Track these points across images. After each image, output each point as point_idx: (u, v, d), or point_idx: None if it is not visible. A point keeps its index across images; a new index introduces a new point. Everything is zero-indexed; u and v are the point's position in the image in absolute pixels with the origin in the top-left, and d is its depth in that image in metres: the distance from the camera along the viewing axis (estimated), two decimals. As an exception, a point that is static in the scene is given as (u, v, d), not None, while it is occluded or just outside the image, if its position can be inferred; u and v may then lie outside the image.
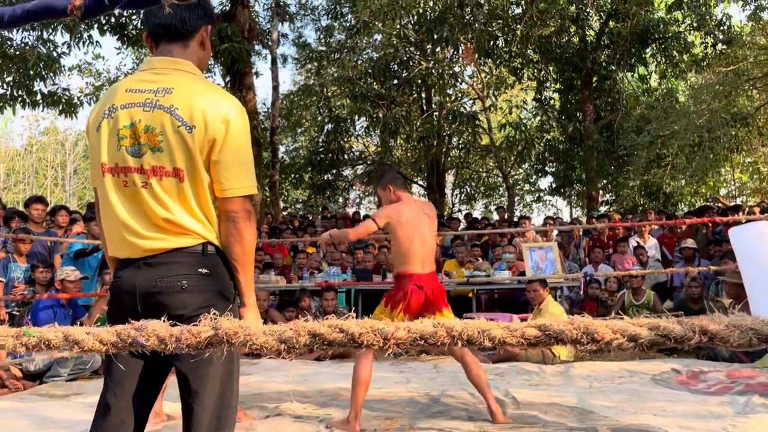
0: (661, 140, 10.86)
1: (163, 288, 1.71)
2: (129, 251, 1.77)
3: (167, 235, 1.73)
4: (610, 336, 0.70)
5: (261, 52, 16.57)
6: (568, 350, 6.28)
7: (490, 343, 0.73)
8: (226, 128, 1.71)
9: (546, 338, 0.71)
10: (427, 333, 0.73)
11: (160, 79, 1.77)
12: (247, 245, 1.78)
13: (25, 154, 32.13)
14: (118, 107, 1.75)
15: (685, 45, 13.31)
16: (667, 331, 0.69)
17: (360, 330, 0.73)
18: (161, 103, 1.71)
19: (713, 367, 5.41)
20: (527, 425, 3.65)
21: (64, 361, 5.28)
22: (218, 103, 1.73)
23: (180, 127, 1.69)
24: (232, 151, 1.73)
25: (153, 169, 1.71)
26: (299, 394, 4.70)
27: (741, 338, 0.66)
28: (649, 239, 9.05)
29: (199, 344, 0.77)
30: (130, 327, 0.79)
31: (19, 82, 10.69)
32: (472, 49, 12.73)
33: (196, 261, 1.74)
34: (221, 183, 1.73)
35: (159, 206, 1.72)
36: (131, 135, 1.73)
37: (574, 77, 14.45)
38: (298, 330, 0.74)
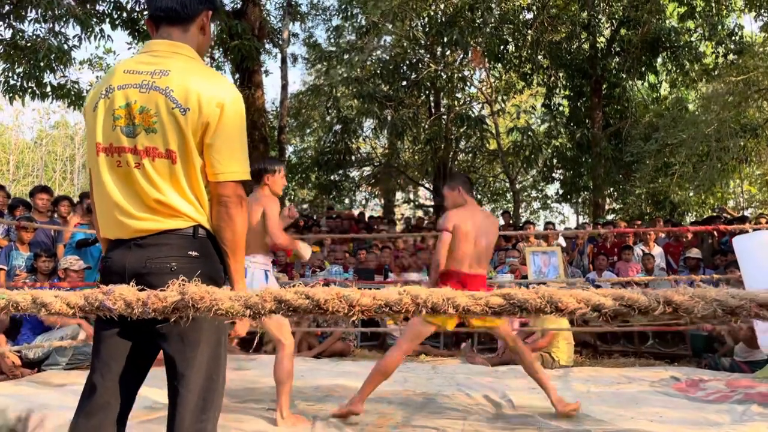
0: (668, 149, 10.80)
1: (153, 269, 1.71)
2: (120, 232, 1.77)
3: (158, 217, 1.73)
4: (574, 305, 0.69)
5: (271, 51, 16.60)
6: (568, 355, 6.25)
7: (454, 311, 0.72)
8: (220, 112, 1.72)
9: (510, 307, 0.70)
10: (392, 300, 0.72)
11: (158, 61, 1.77)
12: (238, 230, 1.78)
13: (34, 147, 32.34)
14: (114, 88, 1.76)
15: (696, 54, 13.23)
16: (631, 302, 0.68)
17: (326, 296, 0.72)
18: (157, 85, 1.72)
19: (713, 376, 5.38)
20: (522, 426, 3.63)
21: (63, 350, 5.30)
22: (214, 87, 1.74)
23: (174, 108, 1.70)
24: (226, 135, 1.73)
25: (146, 149, 1.72)
26: (295, 389, 4.68)
27: (705, 309, 0.65)
28: (655, 248, 9.00)
29: (166, 309, 0.76)
30: (97, 291, 0.78)
31: (30, 74, 10.74)
32: (480, 52, 12.71)
33: (187, 243, 1.75)
34: (213, 167, 1.73)
35: (151, 187, 1.72)
36: (126, 115, 1.73)
37: (584, 84, 14.39)
38: (264, 296, 0.74)
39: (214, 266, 1.81)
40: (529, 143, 14.00)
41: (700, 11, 12.79)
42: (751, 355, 5.75)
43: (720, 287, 0.71)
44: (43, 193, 6.47)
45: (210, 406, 1.76)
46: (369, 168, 18.95)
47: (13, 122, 32.41)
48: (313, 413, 3.97)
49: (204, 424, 1.74)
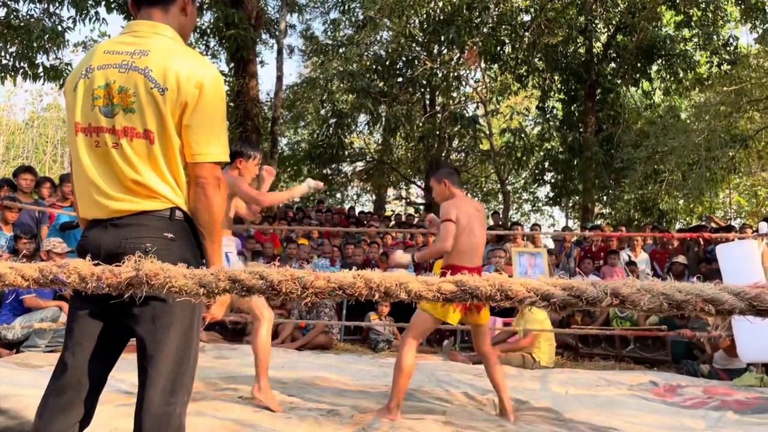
0: (658, 156, 10.86)
1: (127, 249, 1.68)
2: (97, 212, 1.76)
3: (135, 198, 1.73)
4: (524, 294, 0.69)
5: (268, 42, 16.55)
6: (549, 356, 6.27)
7: (406, 296, 0.72)
8: (199, 92, 1.71)
9: (462, 293, 0.70)
10: (346, 283, 0.72)
11: (138, 41, 1.77)
12: (215, 212, 1.78)
13: (26, 129, 32.09)
14: (94, 68, 1.76)
15: (690, 63, 13.31)
16: (579, 292, 0.68)
17: (280, 278, 0.72)
18: (136, 65, 1.71)
19: (691, 382, 5.41)
20: (501, 424, 3.63)
21: (43, 332, 5.27)
22: (193, 67, 1.73)
23: (153, 88, 1.69)
24: (204, 116, 1.73)
25: (124, 129, 1.71)
26: (275, 380, 4.68)
27: (652, 302, 0.65)
28: (641, 254, 9.05)
29: (120, 284, 0.76)
30: (52, 264, 0.78)
31: (22, 54, 10.64)
32: (475, 51, 12.72)
33: (163, 225, 1.74)
34: (191, 147, 1.73)
35: (128, 167, 1.72)
36: (105, 95, 1.73)
37: (578, 88, 14.44)
38: (219, 275, 0.73)
39: (190, 249, 1.80)
40: (521, 145, 14.04)
41: (696, 20, 12.86)
42: (730, 363, 5.80)
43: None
44: (27, 173, 6.42)
45: (179, 389, 1.75)
46: (362, 163, 18.94)
47: (5, 103, 32.16)
48: (291, 404, 3.96)
49: (173, 407, 1.73)
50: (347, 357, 6.51)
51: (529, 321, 6.24)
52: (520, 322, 6.34)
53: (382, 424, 3.50)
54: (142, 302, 1.71)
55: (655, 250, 9.29)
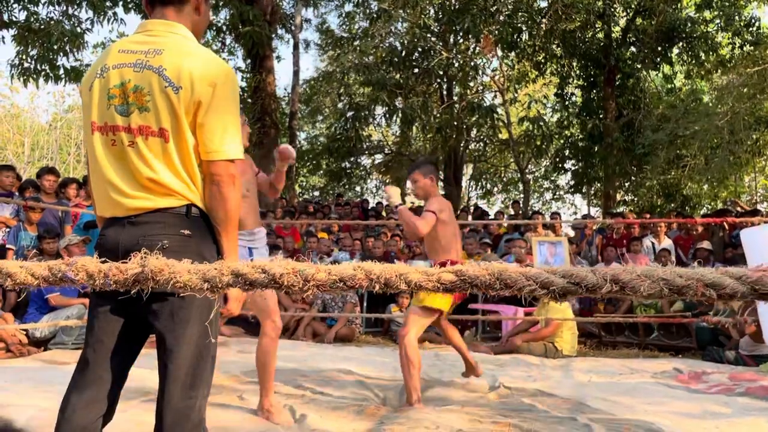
0: (681, 140, 10.68)
1: (145, 247, 1.71)
2: (114, 210, 1.79)
3: (151, 195, 1.75)
4: (523, 282, 0.69)
5: (284, 37, 16.59)
6: (571, 345, 6.24)
7: (406, 287, 0.72)
8: (212, 91, 1.72)
9: (462, 283, 0.70)
10: (346, 276, 0.72)
11: (152, 40, 1.78)
12: (231, 209, 1.79)
13: (49, 130, 32.57)
14: (110, 67, 1.78)
15: (712, 45, 13.04)
16: (579, 279, 0.68)
17: (281, 271, 0.73)
18: (150, 64, 1.73)
19: (716, 368, 5.35)
20: (520, 414, 3.63)
21: (70, 330, 5.37)
22: (206, 66, 1.74)
23: (167, 87, 1.70)
24: (218, 114, 1.74)
25: (139, 128, 1.73)
26: (297, 372, 4.73)
27: (652, 288, 0.65)
28: (665, 240, 8.93)
29: (126, 281, 0.77)
30: (60, 262, 0.79)
31: (43, 57, 10.81)
32: (491, 39, 12.61)
33: (179, 222, 1.75)
34: (205, 145, 1.74)
35: (144, 166, 1.74)
36: (120, 94, 1.75)
37: (597, 74, 14.25)
38: (222, 270, 0.74)
39: (207, 245, 1.81)
40: (540, 133, 13.91)
41: (717, 1, 12.60)
42: (756, 349, 5.71)
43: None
44: (50, 175, 6.53)
45: (199, 383, 1.77)
46: (380, 156, 18.93)
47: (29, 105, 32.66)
48: (312, 397, 4.00)
49: (193, 401, 1.76)
50: (369, 349, 6.54)
51: (551, 310, 6.21)
52: (541, 312, 6.31)
53: (402, 415, 3.51)
54: (160, 298, 1.74)
55: (679, 236, 9.17)
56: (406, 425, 3.34)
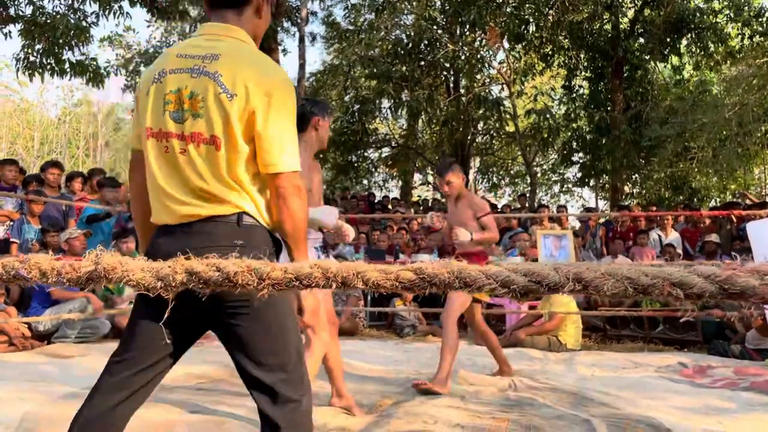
0: (689, 132, 10.57)
1: (197, 256, 1.65)
2: (166, 217, 1.75)
3: (203, 203, 1.70)
4: (483, 281, 0.66)
5: (289, 30, 16.53)
6: (575, 339, 6.20)
7: (364, 286, 0.69)
8: (268, 100, 1.67)
9: (421, 282, 0.67)
10: (303, 274, 0.69)
11: (210, 45, 1.74)
12: (298, 222, 1.73)
13: (58, 124, 32.74)
14: (167, 72, 1.74)
15: (721, 36, 12.88)
16: (540, 278, 0.65)
17: (236, 269, 0.70)
18: (207, 70, 1.68)
19: (722, 362, 5.30)
20: (522, 408, 3.60)
21: (72, 323, 5.38)
22: (263, 73, 1.69)
23: (221, 94, 1.65)
24: (275, 125, 1.68)
25: (192, 135, 1.69)
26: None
27: (615, 287, 0.62)
28: (672, 233, 8.86)
29: (80, 279, 0.75)
30: (14, 259, 0.77)
31: (49, 51, 10.81)
32: (497, 31, 12.51)
33: (232, 232, 1.69)
34: (264, 159, 1.69)
35: (195, 173, 1.69)
36: (176, 100, 1.71)
37: (605, 66, 14.11)
38: (175, 268, 0.72)
39: (260, 256, 1.72)
40: (547, 126, 13.81)
41: (726, -9, 12.45)
42: (762, 343, 5.66)
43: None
44: (54, 168, 6.54)
45: (297, 381, 1.74)
46: (387, 149, 18.86)
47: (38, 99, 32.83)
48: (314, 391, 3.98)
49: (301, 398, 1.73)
50: (372, 343, 6.53)
51: (555, 304, 6.17)
52: (545, 306, 6.27)
53: (402, 409, 3.50)
54: (231, 305, 1.66)
55: (686, 229, 9.09)
56: (405, 419, 3.33)
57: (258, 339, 1.70)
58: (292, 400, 1.70)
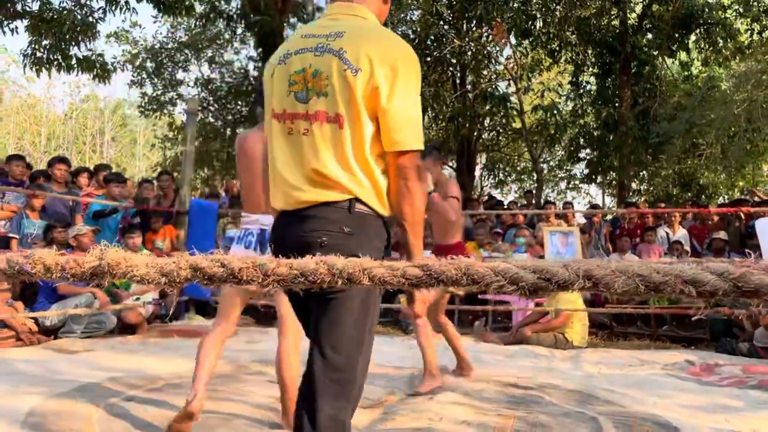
0: (697, 129, 10.50)
1: (307, 242, 1.65)
2: (284, 202, 1.74)
3: (317, 189, 1.67)
4: (491, 278, 0.65)
5: (295, 26, 16.51)
6: (582, 336, 6.18)
7: (369, 282, 0.68)
8: (393, 76, 1.61)
9: (427, 278, 0.66)
10: (308, 270, 0.69)
11: (334, 24, 1.72)
12: (417, 203, 1.69)
13: (65, 120, 32.85)
14: (292, 53, 1.72)
15: (730, 31, 12.78)
16: (550, 275, 0.63)
17: (241, 265, 0.69)
18: (331, 47, 1.65)
19: (729, 360, 5.27)
20: (527, 405, 3.59)
21: (79, 318, 5.40)
22: (387, 47, 1.64)
23: (346, 70, 1.61)
24: (401, 100, 1.63)
25: (316, 114, 1.66)
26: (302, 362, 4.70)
27: (626, 284, 0.60)
28: (679, 230, 8.81)
29: (84, 274, 0.74)
30: (18, 254, 0.77)
31: (55, 46, 10.84)
32: (504, 27, 12.45)
33: (342, 218, 1.66)
34: (389, 135, 1.63)
35: (314, 154, 1.66)
36: (301, 80, 1.69)
37: (613, 61, 14.03)
38: (180, 263, 0.71)
39: (367, 245, 1.66)
40: (554, 122, 13.75)
41: (735, -14, 12.35)
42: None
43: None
44: (61, 164, 6.55)
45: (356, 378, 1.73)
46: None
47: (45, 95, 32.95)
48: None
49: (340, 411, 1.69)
50: (378, 339, 6.50)
51: (561, 301, 6.14)
52: (552, 303, 6.25)
53: (407, 406, 3.49)
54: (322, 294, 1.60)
55: (693, 226, 9.03)
56: (410, 416, 3.32)
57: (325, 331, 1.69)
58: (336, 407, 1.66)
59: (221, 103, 17.01)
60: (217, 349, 2.93)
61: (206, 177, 17.27)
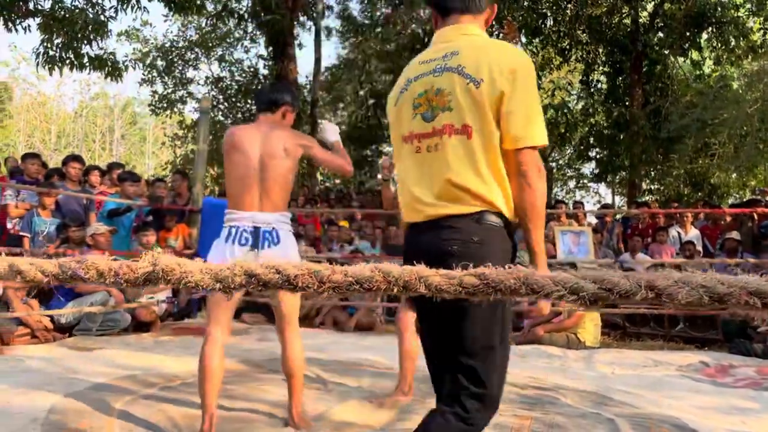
0: (709, 128, 10.44)
1: (442, 250, 1.71)
2: (415, 216, 1.81)
3: (448, 202, 1.74)
4: (551, 288, 0.65)
5: (305, 24, 16.54)
6: (594, 336, 6.16)
7: (426, 290, 0.68)
8: (513, 79, 1.69)
9: (485, 287, 0.66)
10: (364, 277, 0.69)
11: (447, 45, 1.82)
12: (538, 201, 1.73)
13: (75, 118, 33.01)
14: (412, 79, 1.83)
15: (742, 30, 12.71)
16: (611, 285, 0.63)
17: (296, 272, 0.70)
18: (449, 65, 1.75)
19: (744, 362, 5.24)
20: (542, 406, 3.59)
21: (94, 316, 5.43)
22: (503, 56, 1.72)
23: (468, 83, 1.70)
24: (522, 101, 1.69)
25: (443, 128, 1.74)
26: (318, 362, 4.72)
27: (690, 295, 0.60)
28: (691, 230, 8.77)
29: (137, 279, 0.75)
30: (71, 259, 0.77)
31: (67, 45, 10.90)
32: (514, 25, 12.42)
33: (472, 229, 1.72)
34: (510, 133, 1.69)
35: (445, 167, 1.73)
36: (425, 102, 1.79)
37: (624, 60, 13.98)
38: (234, 269, 0.71)
39: (495, 254, 1.71)
40: (564, 120, 13.72)
41: (748, -15, 12.28)
42: (785, 343, 5.59)
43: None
44: (75, 162, 6.58)
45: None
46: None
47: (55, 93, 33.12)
48: (334, 388, 4.00)
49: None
50: (390, 338, 6.52)
51: (573, 301, 6.12)
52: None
53: (423, 407, 3.49)
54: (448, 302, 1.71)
55: (705, 226, 8.99)
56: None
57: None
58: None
59: (231, 101, 17.06)
60: (221, 367, 2.86)
61: (216, 175, 17.33)
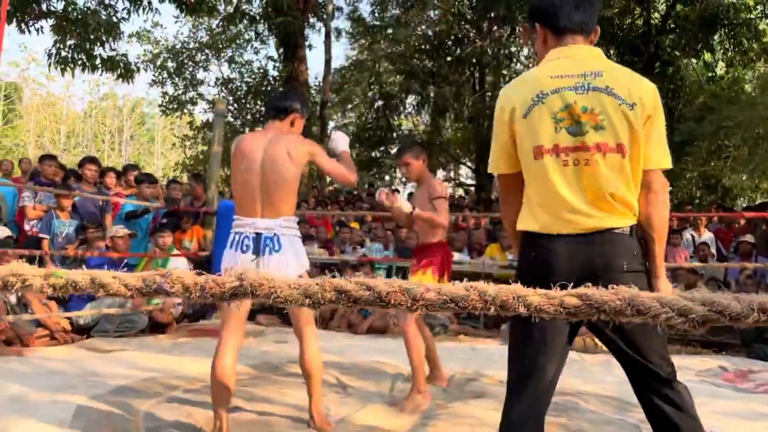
0: (723, 131, 10.39)
1: (605, 265, 1.80)
2: (566, 227, 1.85)
3: (604, 214, 1.83)
4: (658, 309, 0.64)
5: (315, 25, 16.56)
6: (611, 340, 6.14)
7: (525, 311, 0.68)
8: (655, 105, 1.84)
9: (587, 308, 0.66)
10: (458, 296, 0.69)
11: (583, 63, 1.88)
12: (665, 217, 1.90)
13: (85, 118, 33.15)
14: (548, 93, 1.87)
15: (755, 32, 12.65)
16: (722, 307, 0.63)
17: (388, 289, 0.70)
18: (595, 85, 1.83)
19: (764, 367, 5.21)
20: (560, 410, 3.57)
21: (112, 317, 5.44)
22: (643, 82, 1.86)
23: (621, 105, 1.80)
24: (659, 126, 1.86)
25: (597, 145, 1.82)
26: (335, 365, 4.72)
27: (807, 320, 0.60)
28: (705, 233, 8.74)
29: (224, 294, 0.75)
30: (155, 273, 0.77)
31: (80, 46, 10.95)
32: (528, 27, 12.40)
33: (630, 242, 1.84)
34: (652, 155, 1.85)
35: (603, 181, 1.82)
36: (568, 116, 1.84)
37: (636, 62, 13.92)
38: (325, 285, 0.71)
39: (643, 266, 1.90)
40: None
41: (761, -13, 12.22)
42: (804, 347, 5.56)
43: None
44: (92, 164, 6.60)
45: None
46: (411, 145, 18.76)
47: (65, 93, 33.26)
48: (353, 392, 3.99)
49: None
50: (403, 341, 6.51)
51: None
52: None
53: (445, 411, 3.49)
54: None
55: (719, 229, 8.96)
56: (450, 421, 3.32)
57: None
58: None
59: (240, 102, 17.09)
60: (233, 371, 2.87)
61: (226, 176, 17.36)
